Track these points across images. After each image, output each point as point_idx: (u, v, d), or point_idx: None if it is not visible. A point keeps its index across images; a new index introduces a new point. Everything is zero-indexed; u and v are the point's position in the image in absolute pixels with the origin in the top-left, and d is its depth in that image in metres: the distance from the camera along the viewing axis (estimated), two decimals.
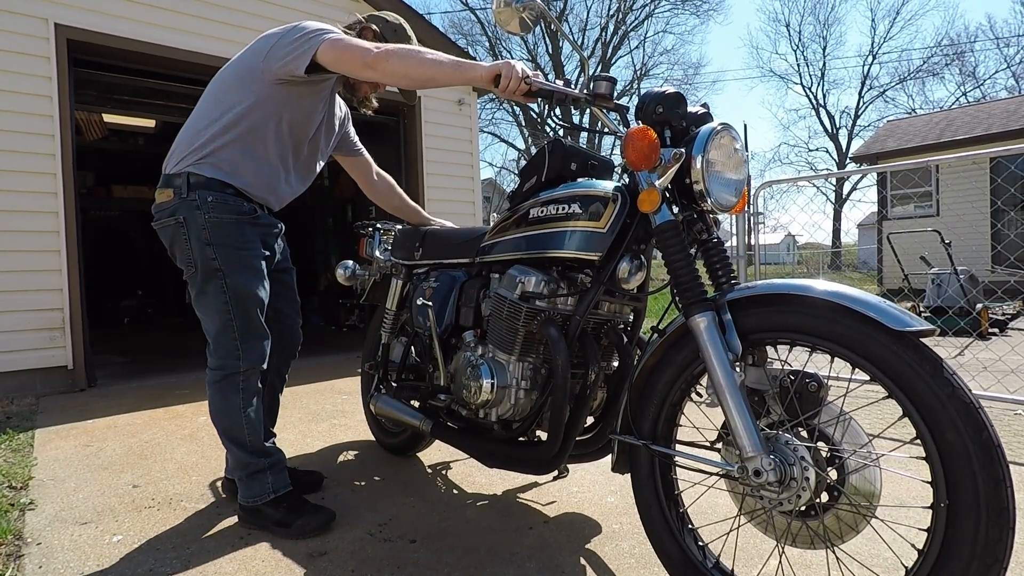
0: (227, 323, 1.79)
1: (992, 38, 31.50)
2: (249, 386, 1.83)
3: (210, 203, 1.75)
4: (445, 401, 1.93)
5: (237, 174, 1.80)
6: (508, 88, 1.48)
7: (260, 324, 1.84)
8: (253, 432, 1.83)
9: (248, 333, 1.81)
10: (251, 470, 1.84)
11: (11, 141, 3.89)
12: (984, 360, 4.10)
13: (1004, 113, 11.37)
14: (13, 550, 1.76)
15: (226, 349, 1.80)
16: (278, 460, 1.89)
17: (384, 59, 1.61)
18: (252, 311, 1.81)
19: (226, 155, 1.78)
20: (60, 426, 3.12)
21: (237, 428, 1.82)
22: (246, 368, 1.81)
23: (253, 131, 1.79)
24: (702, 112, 1.47)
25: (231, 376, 1.81)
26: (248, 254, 1.82)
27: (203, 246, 1.76)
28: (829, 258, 20.74)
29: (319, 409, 3.38)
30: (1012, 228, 10.21)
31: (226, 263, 1.77)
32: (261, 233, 1.89)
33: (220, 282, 1.77)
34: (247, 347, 1.81)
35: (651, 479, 1.44)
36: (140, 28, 4.32)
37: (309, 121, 1.89)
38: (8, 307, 3.90)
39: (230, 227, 1.78)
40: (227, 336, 1.79)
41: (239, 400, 1.81)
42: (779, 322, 1.23)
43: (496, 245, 1.83)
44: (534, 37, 24.94)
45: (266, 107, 1.78)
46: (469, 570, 1.60)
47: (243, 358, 1.80)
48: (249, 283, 1.80)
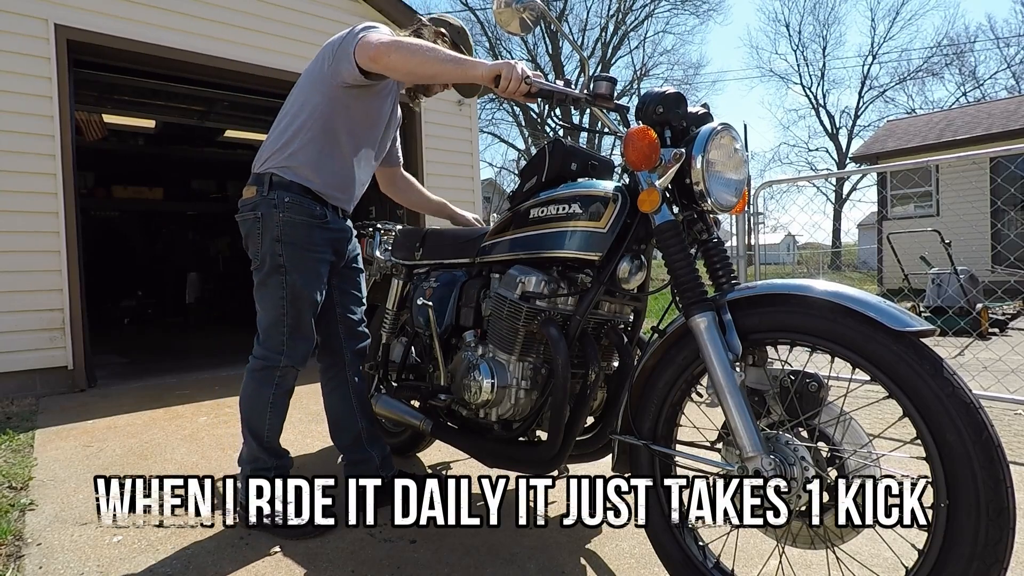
0: (279, 318, 1.85)
1: (992, 38, 31.52)
2: (284, 383, 1.89)
3: (287, 203, 1.82)
4: (445, 401, 1.92)
5: (316, 174, 1.85)
6: (508, 88, 1.49)
7: (309, 326, 1.90)
8: (273, 429, 1.89)
9: (297, 331, 1.87)
10: (258, 466, 1.88)
11: (11, 141, 3.89)
12: (984, 360, 4.10)
13: (1004, 113, 11.37)
14: (13, 550, 1.76)
15: (273, 342, 1.86)
16: (284, 465, 1.94)
17: (387, 53, 1.63)
18: (305, 312, 1.87)
19: (304, 156, 1.84)
20: (60, 426, 3.12)
21: (260, 420, 1.87)
22: (286, 365, 1.87)
23: (326, 132, 1.84)
24: (702, 112, 1.47)
25: (270, 369, 1.86)
26: (312, 256, 1.86)
27: (273, 242, 1.82)
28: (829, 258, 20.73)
29: (319, 409, 3.36)
30: (1012, 228, 10.21)
31: (290, 261, 1.83)
32: (330, 238, 1.93)
33: (281, 278, 1.83)
34: (292, 344, 1.87)
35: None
36: (140, 28, 4.32)
37: (375, 120, 1.93)
38: (8, 307, 3.90)
39: (301, 228, 1.83)
40: (277, 330, 1.86)
41: (270, 394, 1.87)
42: (779, 322, 1.23)
43: (496, 245, 1.83)
44: (534, 37, 24.95)
45: (334, 109, 1.83)
46: (469, 570, 1.60)
47: (286, 354, 1.86)
48: (307, 284, 1.85)
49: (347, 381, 2.05)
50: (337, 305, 2.04)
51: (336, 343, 2.05)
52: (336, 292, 2.03)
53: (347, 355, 2.06)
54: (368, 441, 2.03)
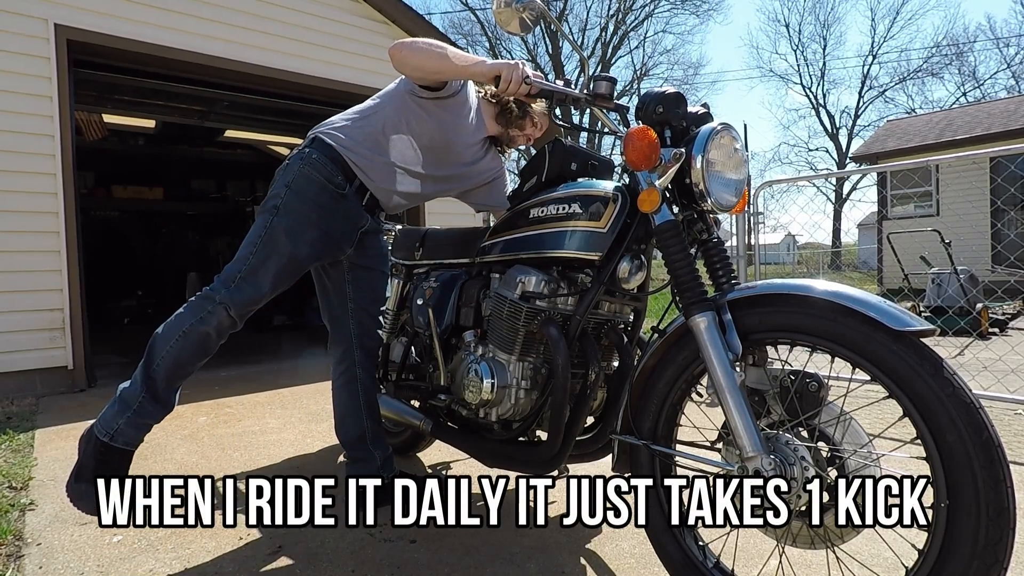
0: (247, 255, 1.77)
1: (992, 38, 31.51)
2: (209, 320, 1.70)
3: (313, 160, 1.83)
4: (445, 401, 1.93)
5: (355, 149, 1.86)
6: (508, 88, 1.49)
7: (268, 280, 1.76)
8: (167, 363, 1.70)
9: (252, 275, 1.75)
10: (127, 398, 1.69)
11: (11, 141, 3.89)
12: (984, 360, 4.10)
13: (1004, 113, 11.37)
14: (13, 550, 1.76)
15: (227, 275, 1.75)
16: (145, 411, 1.69)
17: (399, 49, 1.70)
18: (271, 260, 1.76)
19: (353, 134, 1.86)
20: (60, 426, 3.12)
21: (163, 344, 1.71)
22: (221, 301, 1.70)
23: (383, 128, 1.86)
24: (702, 112, 1.47)
25: (206, 299, 1.73)
26: (310, 214, 1.80)
27: (282, 186, 1.82)
28: (829, 258, 20.75)
29: (319, 409, 3.38)
30: (1012, 228, 10.22)
31: (286, 206, 1.80)
32: (340, 211, 1.86)
33: (269, 218, 1.80)
34: (240, 285, 1.73)
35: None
36: (140, 28, 4.32)
37: (434, 136, 1.88)
38: (8, 307, 3.90)
39: (313, 184, 1.82)
40: (236, 266, 1.76)
41: (189, 322, 1.71)
42: (779, 322, 1.23)
43: (496, 245, 1.83)
44: (534, 37, 24.94)
45: (397, 110, 1.86)
46: (469, 570, 1.60)
47: (230, 290, 1.72)
48: (290, 234, 1.77)
49: (357, 378, 2.03)
50: (351, 300, 2.01)
51: (347, 337, 2.03)
52: (351, 287, 2.01)
53: (358, 352, 2.03)
54: (372, 440, 2.03)
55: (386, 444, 2.08)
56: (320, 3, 5.18)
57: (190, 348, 1.72)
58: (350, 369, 2.03)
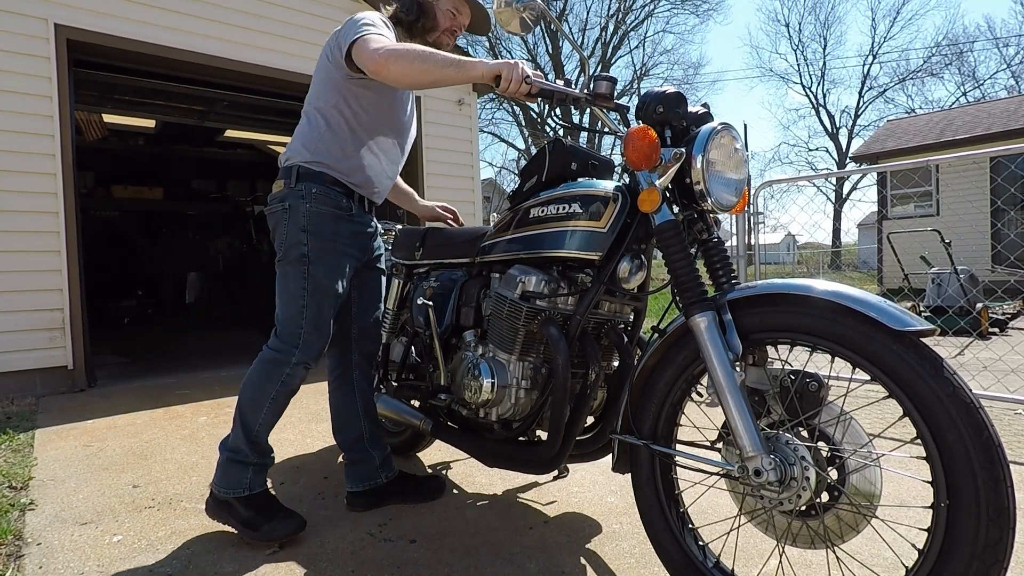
0: (299, 310, 1.81)
1: (992, 38, 31.46)
2: (290, 381, 1.83)
3: (314, 194, 1.81)
4: (445, 401, 1.92)
5: (341, 165, 1.85)
6: (509, 88, 1.49)
7: (327, 322, 1.86)
8: (264, 425, 1.83)
9: (315, 326, 1.82)
10: (238, 457, 1.82)
11: (11, 141, 3.89)
12: (984, 360, 4.10)
13: (1004, 113, 11.37)
14: (13, 550, 1.76)
15: (290, 334, 1.82)
16: (265, 463, 1.87)
17: (386, 65, 1.61)
18: (325, 305, 1.83)
19: (328, 149, 1.84)
20: (60, 426, 3.12)
21: (255, 412, 1.81)
22: (298, 361, 1.81)
23: (344, 124, 1.84)
24: (702, 112, 1.47)
25: (281, 363, 1.82)
26: (337, 248, 1.85)
27: (299, 232, 1.81)
28: (829, 258, 20.75)
29: (319, 409, 3.38)
30: (1012, 228, 10.21)
31: (315, 252, 1.81)
32: (355, 232, 1.91)
33: (304, 268, 1.81)
34: (308, 339, 1.82)
35: (651, 479, 1.44)
36: (140, 28, 4.32)
37: (390, 108, 1.90)
38: (8, 307, 3.90)
39: (327, 219, 1.83)
40: (294, 323, 1.81)
41: (274, 389, 1.82)
42: (779, 322, 1.23)
43: (496, 245, 1.83)
44: (534, 37, 24.93)
45: (346, 100, 1.83)
46: (469, 570, 1.60)
47: (301, 348, 1.81)
48: (330, 276, 1.83)
49: (352, 381, 2.04)
50: (353, 303, 2.02)
51: (347, 341, 2.03)
52: (355, 290, 2.02)
53: (355, 355, 2.05)
54: (370, 441, 2.03)
55: (384, 444, 2.08)
56: (320, 3, 5.18)
57: (281, 406, 1.86)
58: (347, 372, 2.04)
